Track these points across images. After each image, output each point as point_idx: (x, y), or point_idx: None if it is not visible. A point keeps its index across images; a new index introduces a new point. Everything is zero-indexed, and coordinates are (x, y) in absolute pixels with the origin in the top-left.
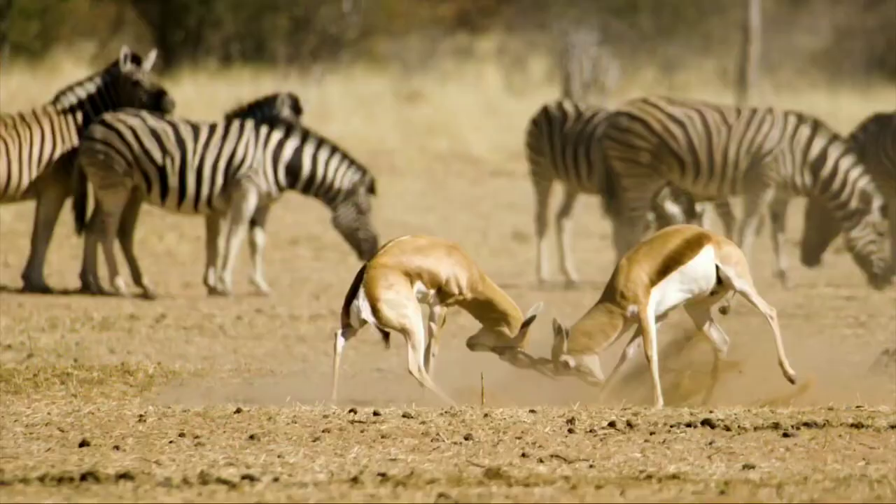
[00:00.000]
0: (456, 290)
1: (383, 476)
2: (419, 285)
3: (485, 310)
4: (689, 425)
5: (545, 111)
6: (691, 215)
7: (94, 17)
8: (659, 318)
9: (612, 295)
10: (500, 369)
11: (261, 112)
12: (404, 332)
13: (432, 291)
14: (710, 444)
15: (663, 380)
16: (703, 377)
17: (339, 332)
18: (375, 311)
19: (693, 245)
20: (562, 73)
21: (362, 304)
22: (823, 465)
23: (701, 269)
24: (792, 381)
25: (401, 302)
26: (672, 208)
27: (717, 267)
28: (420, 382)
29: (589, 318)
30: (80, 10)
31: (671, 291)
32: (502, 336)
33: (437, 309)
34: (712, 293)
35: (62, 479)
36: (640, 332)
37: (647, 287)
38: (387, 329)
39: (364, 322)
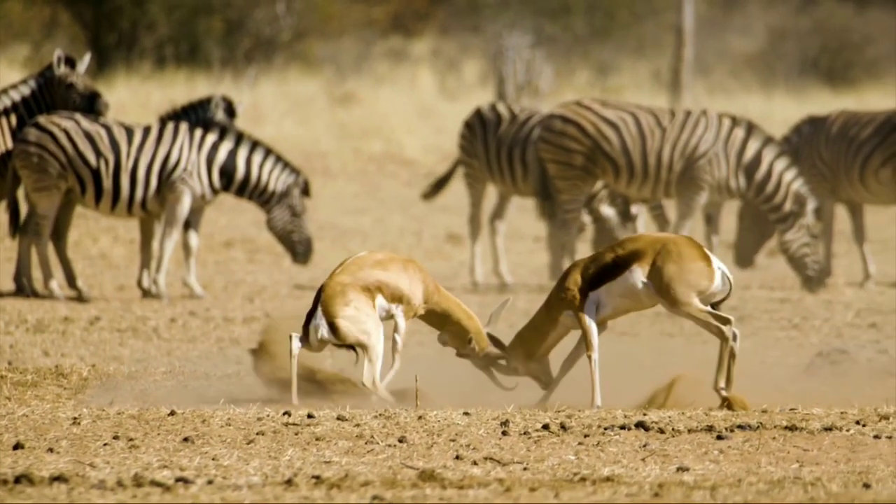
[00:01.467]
0: (416, 303)
1: (317, 478)
2: (381, 300)
3: (441, 321)
4: (623, 428)
5: (478, 114)
6: (627, 218)
7: (27, 19)
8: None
9: (550, 299)
10: (435, 371)
11: (195, 114)
12: (362, 346)
13: (394, 306)
14: (644, 446)
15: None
16: (694, 384)
17: (295, 335)
18: (334, 327)
19: (621, 264)
20: (495, 76)
21: (320, 322)
22: (757, 468)
23: (625, 288)
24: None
25: (360, 318)
26: (607, 211)
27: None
28: (373, 394)
29: (529, 323)
30: (13, 13)
31: (603, 302)
32: (462, 343)
33: (401, 322)
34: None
35: None
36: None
37: (583, 291)
38: (346, 345)
39: (323, 341)
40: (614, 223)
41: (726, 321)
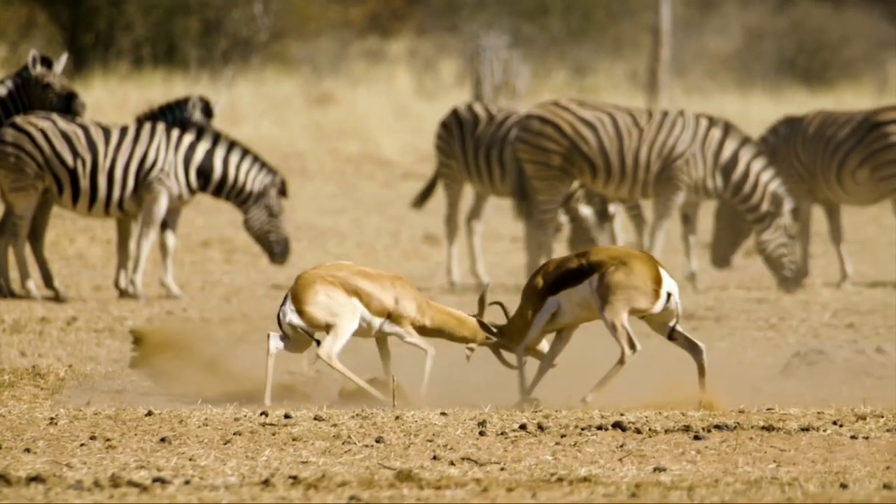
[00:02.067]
0: (409, 314)
1: (294, 479)
2: (358, 305)
3: (439, 333)
4: (600, 428)
5: (455, 114)
6: (604, 218)
7: (4, 20)
8: (561, 330)
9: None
10: (413, 371)
11: (172, 115)
12: (330, 326)
13: (378, 321)
14: (621, 446)
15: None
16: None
17: (273, 334)
18: (301, 313)
19: (582, 273)
20: (472, 76)
21: (287, 308)
22: (734, 468)
23: (582, 298)
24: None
25: (331, 304)
26: (584, 210)
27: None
28: (329, 365)
29: (510, 321)
30: None
31: (563, 308)
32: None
33: (396, 328)
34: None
35: None
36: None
37: (541, 294)
38: (314, 329)
39: (293, 327)
40: (591, 223)
41: (634, 348)
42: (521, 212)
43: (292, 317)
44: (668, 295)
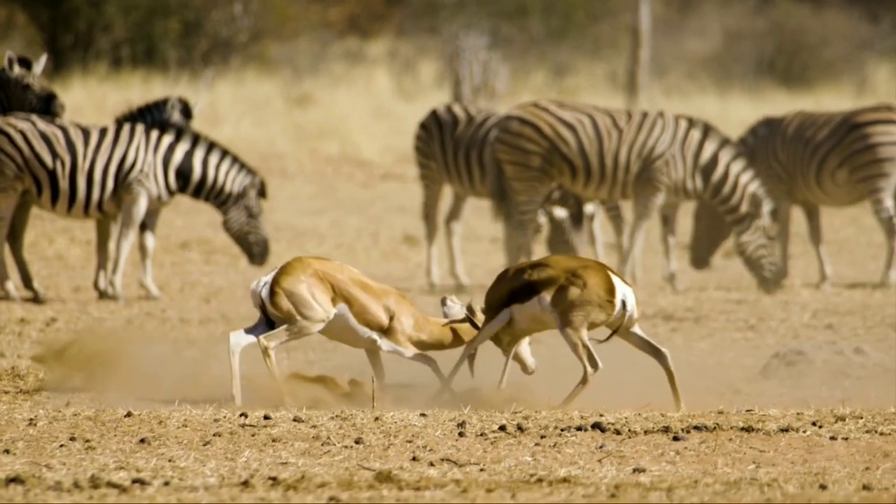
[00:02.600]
0: (406, 330)
1: (274, 480)
2: (346, 312)
3: (440, 346)
4: (579, 429)
5: (434, 115)
6: (579, 221)
7: None
8: (518, 336)
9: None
10: (394, 373)
11: (151, 116)
12: (290, 319)
13: (367, 332)
14: (601, 447)
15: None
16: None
17: (234, 333)
18: (273, 293)
19: (532, 289)
20: (452, 77)
21: (264, 279)
22: (714, 469)
23: (533, 313)
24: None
25: (305, 300)
26: (560, 212)
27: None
28: (263, 353)
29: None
30: None
31: (515, 318)
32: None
33: (396, 346)
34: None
35: None
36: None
37: (496, 305)
38: (275, 313)
39: (260, 302)
40: (567, 225)
41: (595, 366)
42: (500, 213)
43: (264, 290)
44: (623, 302)
